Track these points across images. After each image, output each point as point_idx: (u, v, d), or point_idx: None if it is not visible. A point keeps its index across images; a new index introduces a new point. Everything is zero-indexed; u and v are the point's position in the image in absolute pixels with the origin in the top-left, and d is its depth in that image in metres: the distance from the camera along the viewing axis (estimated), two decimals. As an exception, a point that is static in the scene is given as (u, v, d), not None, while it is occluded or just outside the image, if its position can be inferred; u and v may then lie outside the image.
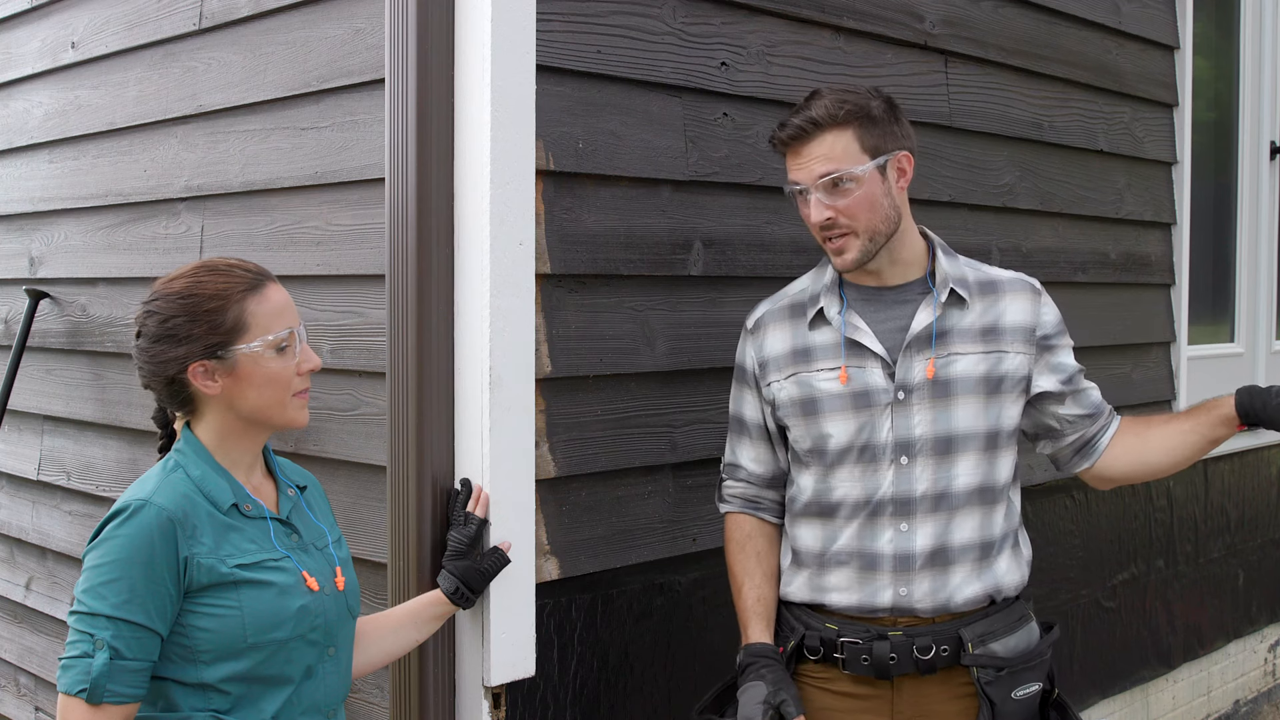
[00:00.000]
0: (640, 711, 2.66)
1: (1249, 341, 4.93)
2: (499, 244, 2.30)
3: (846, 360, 2.24)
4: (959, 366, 2.23)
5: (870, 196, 2.19)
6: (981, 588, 2.23)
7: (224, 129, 2.89)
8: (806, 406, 2.27)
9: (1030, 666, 2.24)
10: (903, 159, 2.24)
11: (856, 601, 2.23)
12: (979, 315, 2.26)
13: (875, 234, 2.21)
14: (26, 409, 3.68)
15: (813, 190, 2.19)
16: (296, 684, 1.86)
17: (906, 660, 2.20)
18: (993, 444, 2.25)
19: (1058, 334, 2.33)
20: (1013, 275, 2.34)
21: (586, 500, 2.53)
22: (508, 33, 2.31)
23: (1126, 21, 3.97)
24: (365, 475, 2.52)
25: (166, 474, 1.84)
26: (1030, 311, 2.29)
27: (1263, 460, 4.91)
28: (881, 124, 2.21)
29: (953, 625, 2.22)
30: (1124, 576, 4.09)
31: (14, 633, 3.81)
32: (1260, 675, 5.00)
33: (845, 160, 2.18)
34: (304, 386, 1.91)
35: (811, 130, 2.19)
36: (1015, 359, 2.27)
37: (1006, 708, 2.19)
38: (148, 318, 1.86)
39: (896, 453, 2.22)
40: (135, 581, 1.73)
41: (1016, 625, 2.26)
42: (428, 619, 2.19)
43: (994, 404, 2.25)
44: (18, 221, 3.72)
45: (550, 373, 2.44)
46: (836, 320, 2.26)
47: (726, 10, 2.78)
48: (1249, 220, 4.90)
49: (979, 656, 2.20)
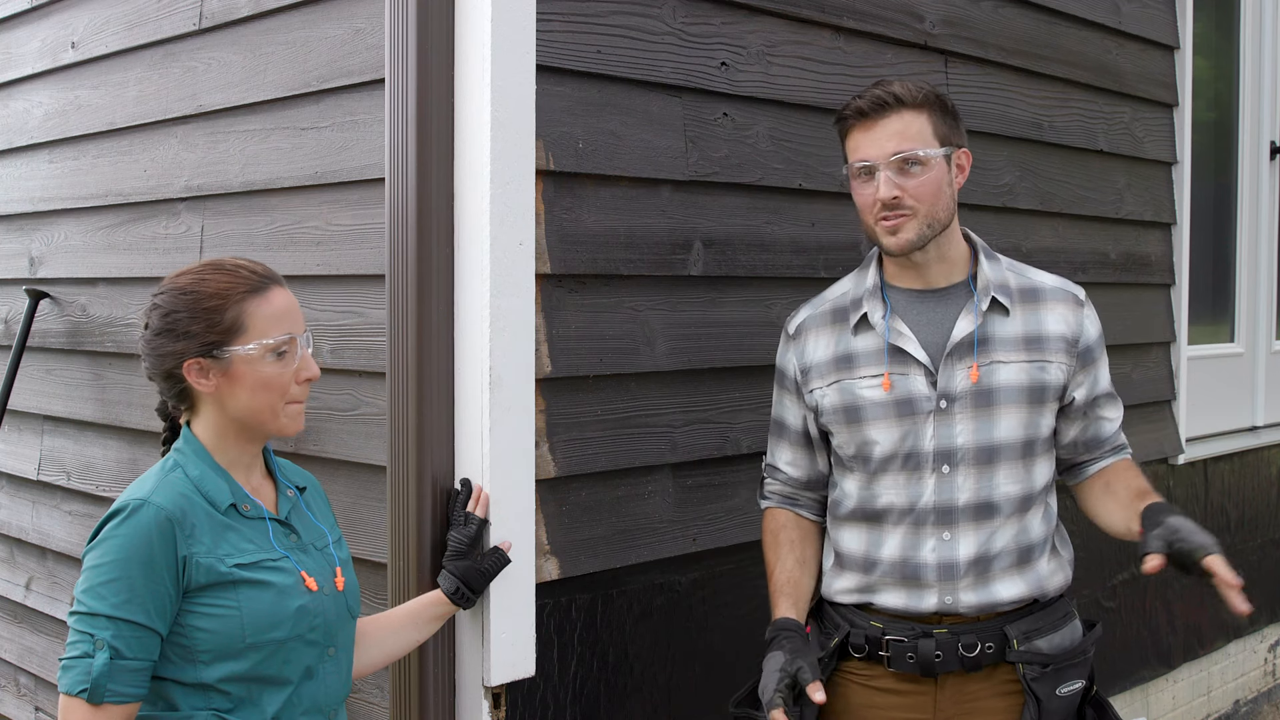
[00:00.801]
0: (640, 711, 2.66)
1: (1249, 341, 4.93)
2: (499, 244, 2.30)
3: (890, 367, 2.23)
4: (1002, 375, 2.22)
5: (936, 182, 2.19)
6: (1025, 588, 2.23)
7: (224, 129, 2.89)
8: (850, 414, 2.27)
9: (1074, 664, 2.23)
10: (963, 156, 2.26)
11: (902, 605, 2.24)
12: (1021, 323, 2.24)
13: (934, 220, 2.20)
14: (26, 409, 3.68)
15: (883, 167, 2.18)
16: (296, 684, 1.86)
17: (952, 658, 2.20)
18: (1030, 451, 2.24)
19: (1098, 348, 2.32)
20: (1056, 283, 2.31)
21: (586, 500, 2.53)
22: (508, 33, 2.31)
23: (1126, 21, 3.97)
24: (365, 475, 2.52)
25: (165, 474, 1.84)
26: (1073, 322, 2.27)
27: (1263, 460, 4.91)
28: (950, 117, 2.23)
29: (998, 623, 2.21)
30: (1124, 576, 4.09)
31: (14, 633, 3.81)
32: (1260, 675, 5.00)
33: (920, 141, 2.18)
34: (301, 396, 1.90)
35: (893, 104, 2.18)
36: (1057, 369, 2.25)
37: (1052, 705, 2.19)
38: (153, 310, 1.87)
39: (938, 461, 2.22)
40: (135, 581, 1.73)
41: (1060, 623, 2.26)
42: (428, 619, 2.18)
43: (1035, 413, 2.24)
44: (18, 221, 3.72)
45: (550, 373, 2.44)
46: (881, 325, 2.25)
47: (726, 10, 2.78)
48: (1249, 220, 4.90)
49: (1024, 653, 2.19)
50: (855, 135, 2.22)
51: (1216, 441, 4.58)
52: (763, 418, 2.88)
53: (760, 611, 2.86)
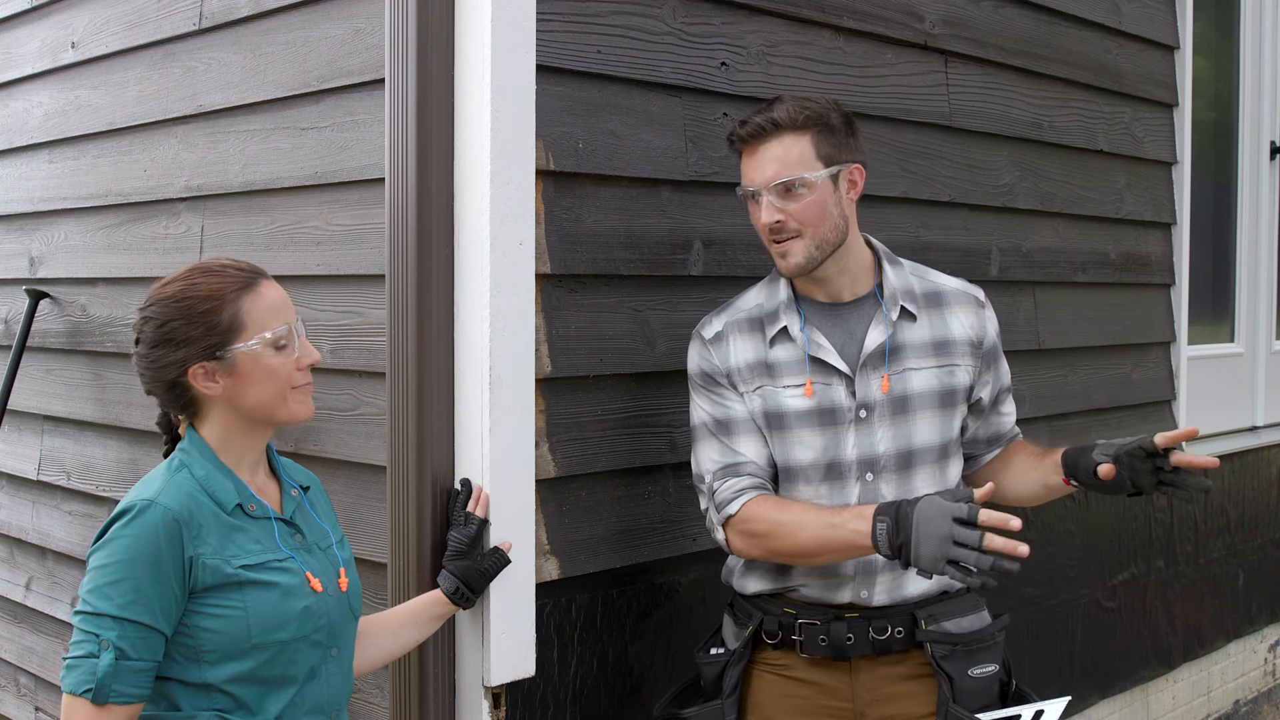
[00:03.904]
0: (640, 711, 2.66)
1: (1249, 341, 4.93)
2: (499, 244, 2.30)
3: (812, 375, 2.26)
4: (915, 382, 2.28)
5: (821, 203, 2.22)
6: (935, 584, 2.27)
7: (224, 129, 2.89)
8: (773, 420, 2.28)
9: (985, 646, 2.28)
10: (855, 171, 2.27)
11: (816, 596, 2.28)
12: (928, 328, 2.31)
13: (823, 241, 2.23)
14: (26, 409, 3.68)
15: (765, 192, 2.22)
16: (300, 684, 1.86)
17: (863, 641, 2.24)
18: (945, 454, 2.32)
19: (998, 347, 2.40)
20: (957, 286, 2.38)
21: (586, 500, 2.53)
22: (508, 33, 2.31)
23: (1126, 21, 3.97)
24: (365, 475, 2.52)
25: (171, 474, 1.84)
26: (975, 325, 2.34)
27: (1263, 460, 4.91)
28: (838, 135, 2.24)
29: (906, 608, 2.26)
30: (1124, 576, 4.09)
31: (14, 633, 3.81)
32: (1260, 675, 5.00)
33: (800, 165, 2.21)
34: (305, 381, 1.91)
35: (771, 130, 2.21)
36: (964, 372, 2.32)
37: (965, 685, 2.22)
38: (145, 324, 1.86)
39: (862, 470, 2.26)
40: (141, 581, 1.73)
41: (968, 609, 2.31)
42: (428, 619, 2.19)
43: (947, 416, 2.31)
44: (18, 221, 3.72)
45: (550, 373, 2.44)
46: (800, 337, 2.27)
47: (726, 10, 2.78)
48: (1249, 220, 4.90)
49: (932, 633, 2.25)
50: (743, 159, 2.27)
51: (1216, 441, 4.58)
52: (763, 418, 2.88)
53: (760, 611, 2.86)
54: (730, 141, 2.29)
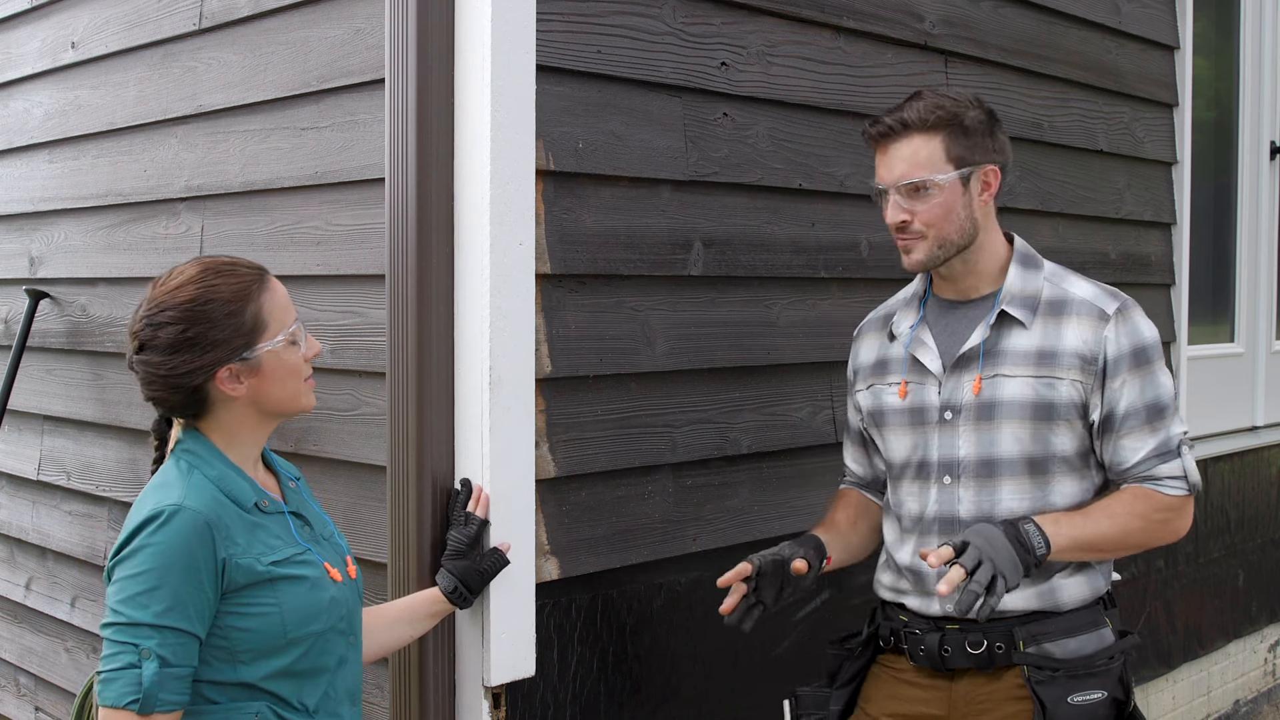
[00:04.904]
0: (640, 711, 2.66)
1: (1249, 341, 4.93)
2: (499, 244, 2.30)
3: (908, 375, 2.29)
4: (1006, 390, 2.20)
5: (948, 205, 2.19)
6: (1035, 601, 2.21)
7: (224, 129, 2.89)
8: (877, 418, 2.35)
9: (1092, 672, 2.18)
10: (989, 173, 2.23)
11: (916, 607, 2.28)
12: (1039, 337, 2.21)
13: (946, 242, 2.21)
14: (26, 409, 3.68)
15: (891, 192, 2.20)
16: (332, 673, 1.86)
17: (959, 654, 2.22)
18: (1042, 470, 2.20)
19: (1121, 366, 2.18)
20: (1087, 296, 2.22)
21: (586, 500, 2.53)
22: (508, 33, 2.31)
23: (1126, 21, 3.97)
24: (365, 475, 2.52)
25: (186, 476, 1.80)
26: (1091, 338, 2.18)
27: (1263, 460, 4.91)
28: (972, 136, 2.21)
29: (1006, 624, 2.20)
30: (1124, 576, 4.09)
31: (14, 633, 3.81)
32: (1260, 675, 5.00)
33: (927, 167, 2.18)
34: (310, 372, 1.91)
35: (900, 131, 2.19)
36: (1069, 387, 2.18)
37: (1060, 711, 2.14)
38: (158, 330, 1.79)
39: (941, 472, 2.25)
40: (177, 588, 1.70)
41: (1080, 629, 2.22)
42: (424, 616, 2.19)
43: (1043, 430, 2.19)
44: (18, 221, 3.72)
45: (550, 373, 2.44)
46: (905, 334, 2.32)
47: (726, 10, 2.78)
48: (1249, 220, 4.90)
49: (1030, 655, 2.18)
50: (876, 155, 2.26)
51: (1216, 441, 4.58)
52: (763, 418, 2.88)
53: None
54: (863, 137, 2.28)
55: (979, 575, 2.03)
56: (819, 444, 2.97)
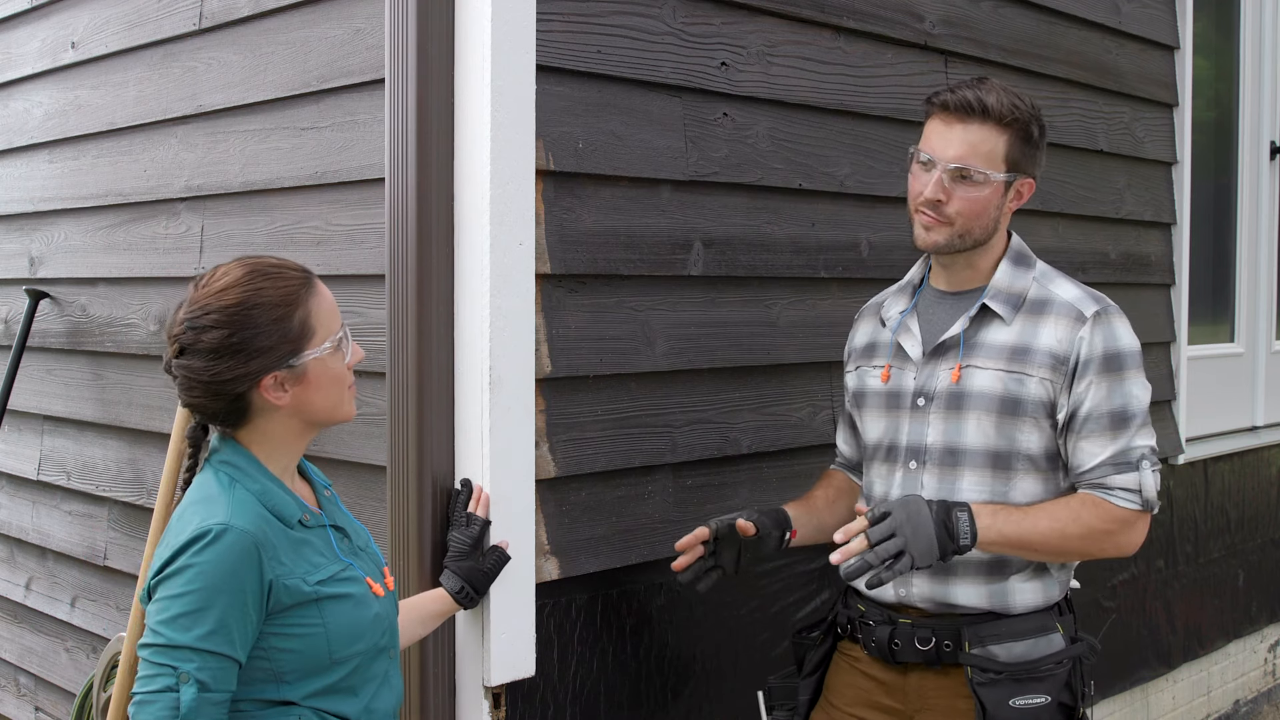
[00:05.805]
0: (640, 711, 2.66)
1: (1249, 341, 4.93)
2: (499, 244, 2.30)
3: (892, 360, 2.33)
4: (976, 381, 2.23)
5: (985, 202, 2.21)
6: (986, 600, 2.22)
7: (224, 129, 2.89)
8: (859, 399, 2.40)
9: (1037, 676, 2.17)
10: (1026, 185, 2.26)
11: (872, 593, 2.28)
12: (1016, 333, 2.22)
13: (967, 235, 2.23)
14: (26, 409, 3.68)
15: (941, 168, 2.19)
16: (376, 690, 1.82)
17: (909, 648, 2.23)
18: (1005, 465, 2.21)
19: (1088, 367, 2.18)
20: (1069, 299, 2.23)
21: (586, 500, 2.53)
22: (508, 32, 2.31)
23: (1126, 21, 3.97)
24: (365, 475, 2.52)
25: (229, 491, 1.72)
26: (1065, 339, 2.18)
27: (1263, 460, 4.91)
28: (1030, 145, 2.23)
29: (955, 622, 2.22)
30: (1124, 576, 4.08)
31: (14, 633, 3.81)
32: (1260, 675, 5.00)
33: (986, 160, 2.19)
34: (353, 379, 1.85)
35: (979, 111, 2.19)
36: (1038, 385, 2.18)
37: (1000, 713, 2.14)
38: (201, 334, 1.71)
39: (908, 457, 2.27)
40: (221, 611, 1.64)
41: (1029, 634, 2.20)
42: (430, 615, 2.18)
43: (1008, 425, 2.20)
44: (18, 221, 3.72)
45: (550, 373, 2.44)
46: (893, 320, 2.36)
47: (726, 10, 2.78)
48: (1249, 220, 4.90)
49: (975, 656, 2.19)
50: (934, 123, 2.23)
51: (1216, 441, 4.58)
52: (763, 418, 2.88)
53: (759, 612, 2.86)
54: (929, 102, 2.24)
55: (884, 548, 2.05)
56: (819, 444, 2.97)
